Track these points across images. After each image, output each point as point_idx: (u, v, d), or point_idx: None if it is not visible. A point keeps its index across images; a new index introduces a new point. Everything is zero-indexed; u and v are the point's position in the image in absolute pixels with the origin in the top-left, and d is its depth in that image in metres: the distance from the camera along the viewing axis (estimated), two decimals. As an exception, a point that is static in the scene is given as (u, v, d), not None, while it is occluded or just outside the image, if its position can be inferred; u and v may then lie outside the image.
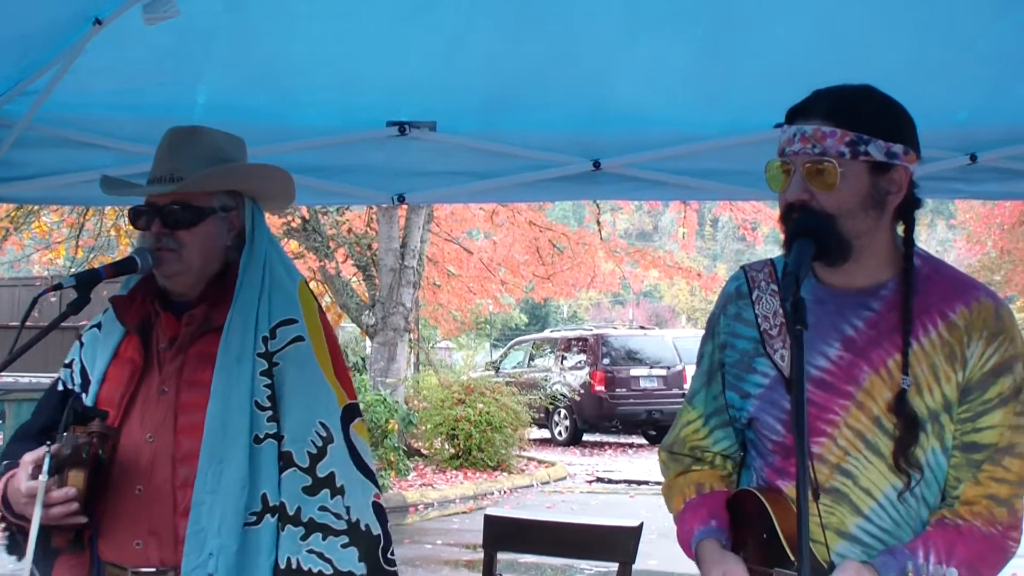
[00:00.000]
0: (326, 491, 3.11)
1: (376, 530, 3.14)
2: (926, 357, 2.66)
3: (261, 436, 3.10)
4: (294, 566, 3.04)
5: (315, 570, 3.04)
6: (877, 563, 2.55)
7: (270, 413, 3.12)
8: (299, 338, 3.20)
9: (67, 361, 3.34)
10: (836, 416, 2.69)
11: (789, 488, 2.73)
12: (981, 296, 2.69)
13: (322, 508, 3.09)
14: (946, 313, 2.67)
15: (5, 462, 3.16)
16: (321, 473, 3.11)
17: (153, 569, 3.09)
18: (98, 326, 3.33)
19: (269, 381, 3.14)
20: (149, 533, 3.10)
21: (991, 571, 2.66)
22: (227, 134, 3.39)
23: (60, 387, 3.30)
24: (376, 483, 3.24)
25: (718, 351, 2.94)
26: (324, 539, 3.07)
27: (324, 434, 3.14)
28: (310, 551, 3.06)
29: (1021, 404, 2.65)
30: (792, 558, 2.60)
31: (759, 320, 2.83)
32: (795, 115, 2.70)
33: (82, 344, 3.34)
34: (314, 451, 3.12)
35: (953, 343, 2.65)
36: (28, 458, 3.01)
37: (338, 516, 3.11)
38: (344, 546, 3.09)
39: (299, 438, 3.12)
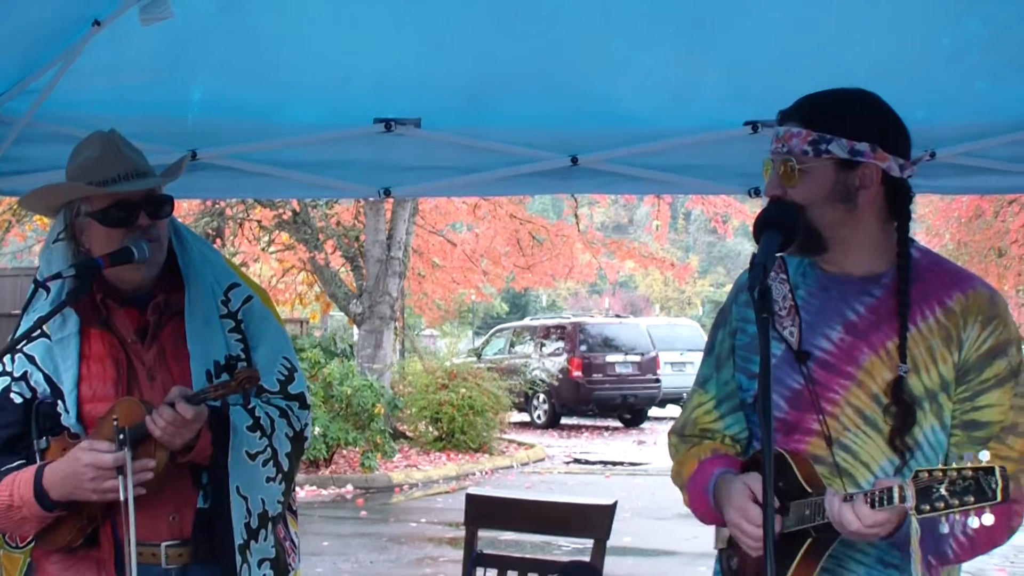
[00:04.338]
0: (296, 403, 3.33)
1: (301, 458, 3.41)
2: (924, 340, 2.69)
3: None
4: (249, 405, 3.22)
5: (262, 421, 3.21)
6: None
7: (244, 364, 3.25)
8: (249, 297, 3.37)
9: (16, 375, 3.23)
10: (837, 395, 2.72)
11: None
12: (977, 285, 2.74)
13: (290, 408, 3.30)
14: (943, 300, 2.71)
15: None
16: (293, 392, 3.33)
17: (184, 540, 3.17)
18: (45, 336, 3.24)
19: (240, 336, 3.29)
20: (185, 505, 3.17)
21: (1000, 539, 2.66)
22: None
23: (18, 399, 3.22)
24: None
25: (729, 338, 2.97)
26: (280, 416, 3.26)
27: (289, 366, 3.35)
28: (267, 413, 3.24)
29: (1020, 385, 2.69)
30: (809, 490, 2.63)
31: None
32: (780, 118, 2.78)
33: (31, 356, 3.24)
34: (283, 378, 3.31)
35: (950, 327, 2.69)
36: (89, 443, 3.05)
37: (299, 420, 3.31)
38: (287, 436, 3.27)
39: (268, 371, 3.29)
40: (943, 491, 2.33)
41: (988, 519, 2.31)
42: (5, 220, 17.72)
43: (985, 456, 2.31)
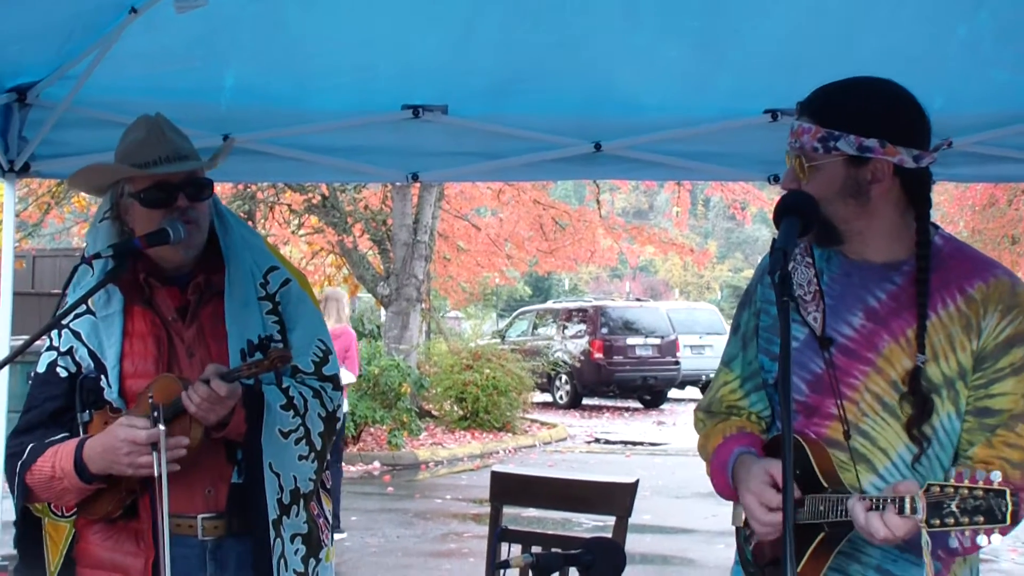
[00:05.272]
0: (329, 384, 3.34)
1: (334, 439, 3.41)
2: (943, 328, 2.65)
3: None
4: (283, 385, 3.23)
5: (296, 400, 3.22)
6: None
7: (280, 344, 3.26)
8: (287, 280, 3.37)
9: (63, 350, 3.26)
10: (856, 380, 2.69)
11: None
12: (999, 273, 2.70)
13: (323, 389, 3.31)
14: (965, 288, 2.67)
15: (31, 445, 3.17)
16: (327, 373, 3.34)
17: (218, 512, 3.20)
18: (90, 312, 3.26)
19: (277, 318, 3.30)
20: (220, 479, 3.19)
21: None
22: None
23: (63, 373, 3.24)
24: None
25: (754, 318, 2.93)
26: (313, 396, 3.27)
27: (324, 348, 3.36)
28: (300, 393, 3.25)
29: None
30: (825, 484, 2.62)
31: (794, 288, 2.80)
32: (798, 110, 2.73)
33: (76, 332, 3.26)
34: (317, 359, 3.33)
35: (970, 315, 2.65)
36: (127, 420, 3.06)
37: (332, 401, 3.33)
38: (320, 416, 3.28)
39: (304, 352, 3.30)
40: (953, 507, 2.33)
41: (996, 539, 2.31)
42: (44, 202, 17.75)
43: (997, 477, 2.29)
